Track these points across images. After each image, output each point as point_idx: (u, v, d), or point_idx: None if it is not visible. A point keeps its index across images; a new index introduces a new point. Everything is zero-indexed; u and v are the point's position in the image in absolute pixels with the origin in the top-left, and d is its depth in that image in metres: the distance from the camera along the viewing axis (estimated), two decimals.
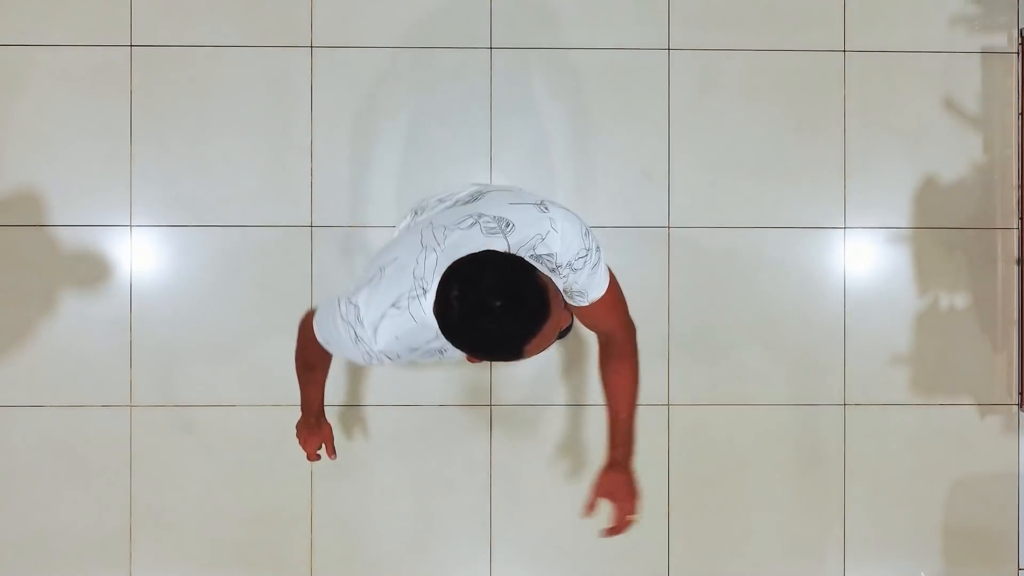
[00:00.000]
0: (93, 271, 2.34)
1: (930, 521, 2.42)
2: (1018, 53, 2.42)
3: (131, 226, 2.35)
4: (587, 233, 1.42)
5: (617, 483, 1.61)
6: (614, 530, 1.61)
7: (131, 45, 2.35)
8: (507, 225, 1.36)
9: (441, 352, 1.43)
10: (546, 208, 1.40)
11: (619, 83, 2.39)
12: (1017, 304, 2.42)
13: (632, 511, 1.61)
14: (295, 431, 1.88)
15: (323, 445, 1.87)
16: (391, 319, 1.34)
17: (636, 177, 2.40)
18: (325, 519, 2.37)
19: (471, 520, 2.38)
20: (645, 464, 2.38)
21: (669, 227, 2.39)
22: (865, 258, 2.42)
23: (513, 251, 1.33)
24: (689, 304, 2.39)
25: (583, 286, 1.44)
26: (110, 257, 2.35)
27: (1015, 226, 2.43)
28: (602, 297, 1.47)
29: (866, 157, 2.41)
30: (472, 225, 1.35)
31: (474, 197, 1.46)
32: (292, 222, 2.36)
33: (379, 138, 2.37)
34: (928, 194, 2.42)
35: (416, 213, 1.62)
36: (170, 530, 2.35)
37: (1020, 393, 2.41)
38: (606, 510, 1.64)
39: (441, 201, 1.56)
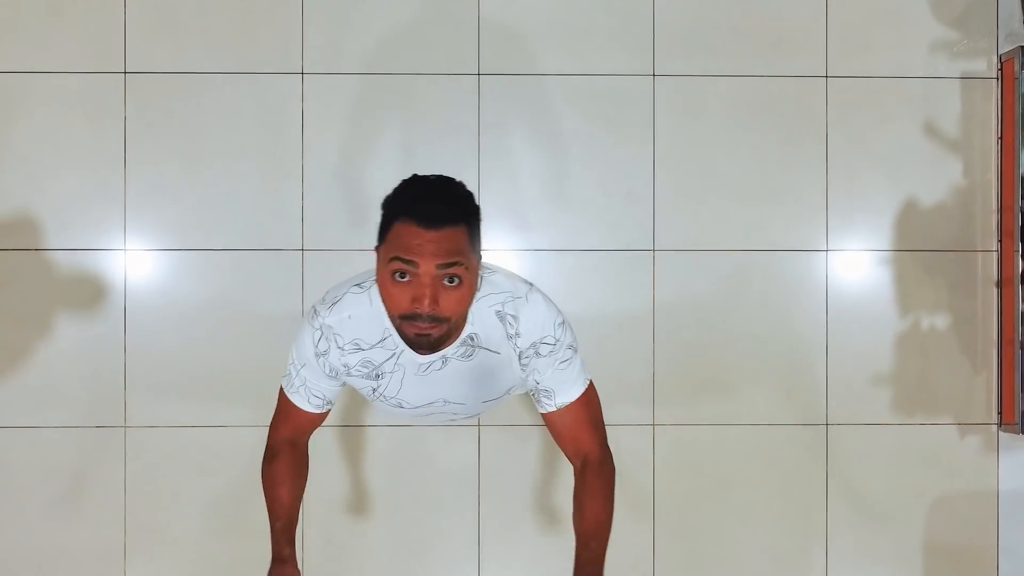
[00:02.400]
0: (88, 294, 2.39)
1: (911, 539, 2.46)
2: (997, 78, 2.46)
3: (125, 250, 2.39)
4: (563, 325, 1.45)
5: None
6: None
7: (125, 72, 2.39)
8: (490, 272, 1.44)
9: (378, 376, 1.47)
10: (530, 286, 1.47)
11: (605, 108, 2.43)
12: (996, 325, 2.46)
13: None
14: None
15: None
16: (351, 297, 1.45)
17: (621, 201, 2.44)
18: (315, 538, 2.41)
19: (460, 539, 2.42)
20: (630, 483, 2.43)
21: (654, 250, 2.43)
22: (847, 280, 2.46)
23: (483, 294, 1.41)
24: (673, 326, 2.43)
25: (549, 382, 1.45)
26: (105, 280, 2.39)
27: (994, 248, 2.47)
28: (573, 404, 1.48)
29: (848, 181, 2.46)
30: None
31: None
32: (284, 246, 2.40)
33: (369, 163, 2.41)
34: (909, 217, 2.46)
35: None
36: (165, 549, 2.39)
37: (999, 413, 2.45)
38: None
39: None
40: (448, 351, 1.42)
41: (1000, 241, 2.46)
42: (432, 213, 1.28)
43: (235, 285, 2.39)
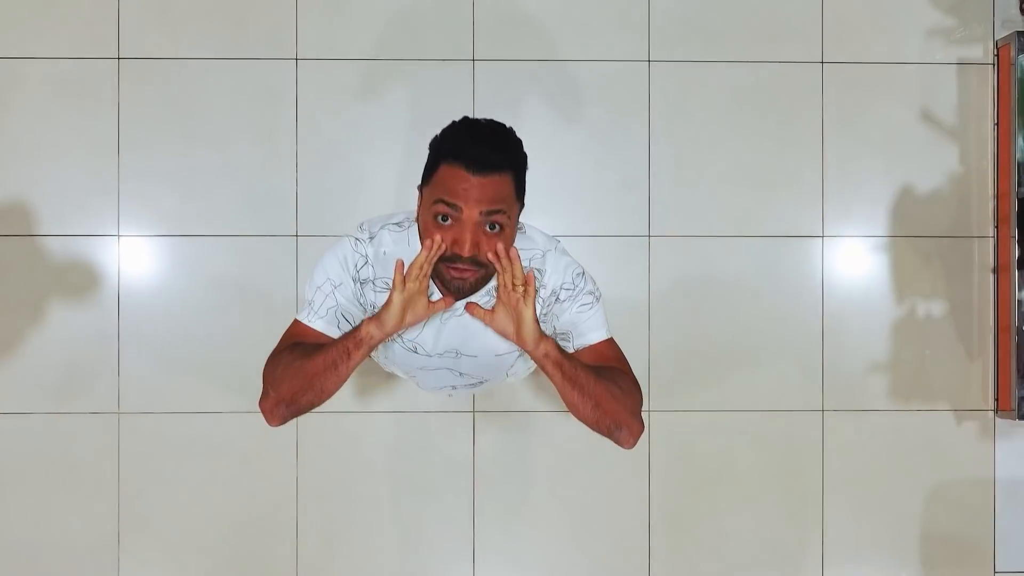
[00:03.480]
0: (81, 280, 2.38)
1: (907, 526, 2.45)
2: (994, 64, 2.46)
3: (119, 236, 2.38)
4: (583, 275, 1.46)
5: (523, 320, 1.30)
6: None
7: (119, 57, 2.38)
8: (522, 229, 1.45)
9: None
10: (557, 241, 1.49)
11: (600, 94, 2.43)
12: (993, 312, 2.46)
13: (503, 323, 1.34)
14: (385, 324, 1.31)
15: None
16: (388, 234, 1.43)
17: (617, 187, 2.43)
18: (310, 525, 2.40)
19: (454, 526, 2.41)
20: (625, 469, 2.42)
21: (649, 236, 2.43)
22: (843, 266, 2.45)
23: (518, 248, 1.38)
24: (669, 312, 2.42)
25: (568, 323, 1.44)
26: (98, 266, 2.38)
27: (991, 235, 2.46)
28: (595, 345, 1.45)
29: (844, 167, 2.45)
30: None
31: None
32: (278, 232, 2.39)
33: (363, 149, 2.40)
34: (905, 203, 2.46)
35: None
36: (158, 537, 2.38)
37: (996, 399, 2.44)
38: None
39: None
40: (474, 296, 1.40)
41: (996, 227, 2.46)
42: (481, 158, 1.27)
43: (229, 271, 2.38)
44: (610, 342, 1.47)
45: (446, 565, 2.42)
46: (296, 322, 1.45)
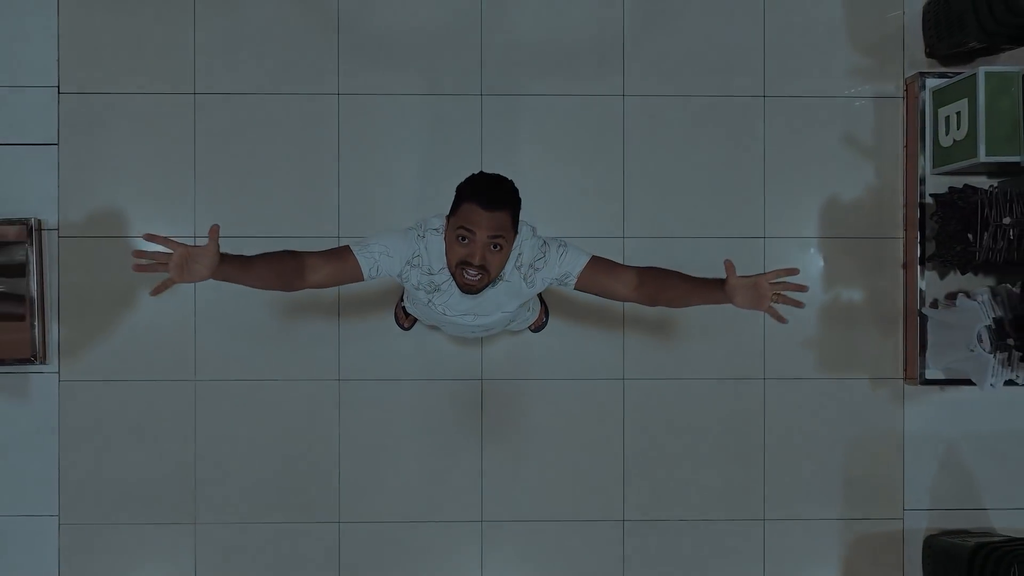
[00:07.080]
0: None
1: (833, 473, 3.00)
2: (903, 98, 3.00)
3: (195, 237, 2.93)
4: (544, 244, 2.01)
5: (746, 284, 1.88)
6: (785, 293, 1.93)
7: (195, 93, 2.93)
8: (517, 232, 2.01)
9: (435, 290, 2.01)
10: (532, 232, 2.04)
11: (582, 122, 2.97)
12: (902, 299, 3.00)
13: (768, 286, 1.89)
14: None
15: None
16: (430, 236, 2.00)
17: (597, 197, 2.97)
18: (349, 472, 2.94)
19: (466, 474, 2.96)
20: (606, 426, 2.96)
21: (623, 237, 2.97)
22: (781, 261, 2.98)
23: (515, 248, 1.99)
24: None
25: (558, 271, 1.98)
26: None
27: (900, 236, 3.01)
28: (587, 265, 1.99)
29: (782, 181, 2.99)
30: None
31: None
32: (323, 234, 2.94)
33: (392, 167, 2.95)
34: (831, 210, 3.00)
35: None
36: (226, 478, 2.93)
37: (904, 369, 2.99)
38: None
39: None
40: (482, 292, 1.97)
41: (905, 230, 3.00)
42: (491, 200, 1.83)
43: None
44: (596, 257, 2.01)
45: (458, 505, 2.96)
46: (347, 246, 2.01)
